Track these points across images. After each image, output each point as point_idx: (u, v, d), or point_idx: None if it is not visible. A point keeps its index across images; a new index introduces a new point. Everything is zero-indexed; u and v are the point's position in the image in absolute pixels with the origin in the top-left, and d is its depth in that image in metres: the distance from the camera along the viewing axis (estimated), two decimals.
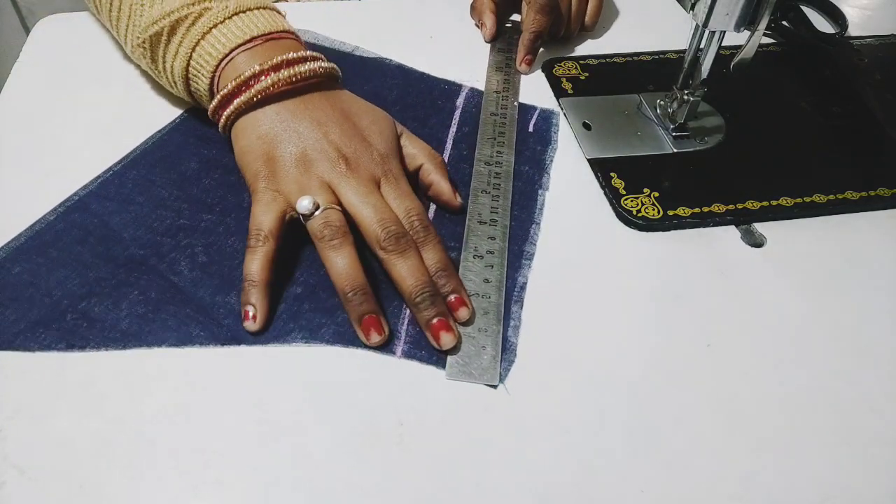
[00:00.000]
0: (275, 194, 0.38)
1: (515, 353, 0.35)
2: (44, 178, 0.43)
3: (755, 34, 0.42)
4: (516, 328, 0.36)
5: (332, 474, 0.31)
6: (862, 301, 0.39)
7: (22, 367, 0.33)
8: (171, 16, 0.41)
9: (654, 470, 0.31)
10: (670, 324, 0.37)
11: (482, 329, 0.36)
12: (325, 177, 0.38)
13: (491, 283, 0.38)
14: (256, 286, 0.35)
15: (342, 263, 0.36)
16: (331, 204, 0.37)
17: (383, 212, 0.37)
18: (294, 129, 0.39)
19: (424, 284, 0.35)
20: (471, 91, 0.52)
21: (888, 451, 0.33)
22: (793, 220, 0.43)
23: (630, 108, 0.51)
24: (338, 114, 0.40)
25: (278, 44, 0.42)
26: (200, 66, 0.41)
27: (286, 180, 0.38)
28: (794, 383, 0.35)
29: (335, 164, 0.38)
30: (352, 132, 0.40)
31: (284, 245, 0.38)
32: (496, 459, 0.31)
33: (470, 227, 0.41)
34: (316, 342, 0.35)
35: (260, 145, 0.39)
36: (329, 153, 0.38)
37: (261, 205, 0.37)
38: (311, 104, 0.40)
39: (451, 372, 0.34)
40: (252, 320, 0.35)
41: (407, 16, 0.59)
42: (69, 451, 0.31)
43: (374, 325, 0.35)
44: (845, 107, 0.52)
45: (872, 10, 0.65)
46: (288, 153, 0.38)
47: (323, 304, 0.37)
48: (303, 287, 0.37)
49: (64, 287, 0.36)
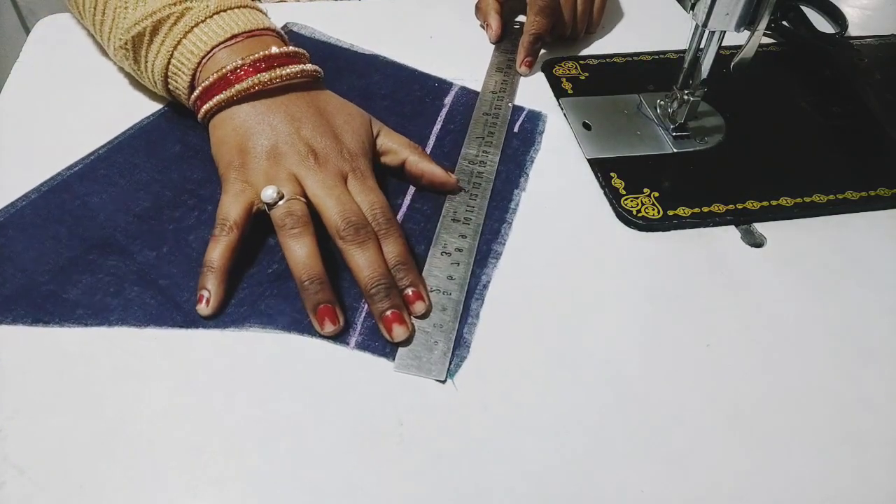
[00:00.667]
0: (244, 185, 0.38)
1: (468, 350, 0.35)
2: (44, 177, 0.42)
3: (755, 34, 0.42)
4: (473, 325, 0.36)
5: (332, 474, 0.31)
6: (862, 301, 0.39)
7: (22, 367, 0.33)
8: (153, 16, 0.42)
9: (654, 470, 0.31)
10: (670, 324, 0.37)
11: (437, 325, 0.36)
12: (294, 169, 0.39)
13: (454, 281, 0.38)
14: (214, 272, 0.36)
15: (301, 252, 0.36)
16: (295, 195, 0.38)
17: (346, 203, 0.38)
18: (268, 122, 0.40)
19: (381, 276, 0.36)
20: (461, 90, 0.52)
21: (888, 451, 0.33)
22: (793, 220, 0.43)
23: (630, 108, 0.51)
24: (313, 110, 0.41)
25: (260, 40, 0.42)
26: (181, 63, 0.42)
27: (256, 172, 0.39)
28: (793, 383, 0.35)
29: (304, 158, 0.39)
30: (324, 129, 0.40)
31: (250, 234, 0.38)
32: (496, 459, 0.31)
33: (443, 224, 0.41)
34: (272, 328, 0.36)
35: (234, 137, 0.40)
36: (299, 148, 0.39)
37: (229, 195, 0.38)
38: (287, 100, 0.41)
39: (401, 364, 0.35)
40: (205, 304, 0.36)
41: (407, 16, 0.59)
42: (69, 451, 0.31)
43: (328, 315, 0.35)
44: (845, 107, 0.52)
45: (872, 10, 0.65)
46: (260, 146, 0.39)
47: (283, 292, 0.37)
48: (265, 274, 0.38)
49: (38, 264, 0.37)
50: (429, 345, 0.35)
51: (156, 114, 0.47)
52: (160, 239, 0.39)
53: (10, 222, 0.39)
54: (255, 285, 0.37)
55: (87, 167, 0.43)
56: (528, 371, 0.35)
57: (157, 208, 0.41)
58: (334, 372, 0.34)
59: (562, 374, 0.35)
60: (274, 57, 0.41)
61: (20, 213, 0.40)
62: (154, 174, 0.43)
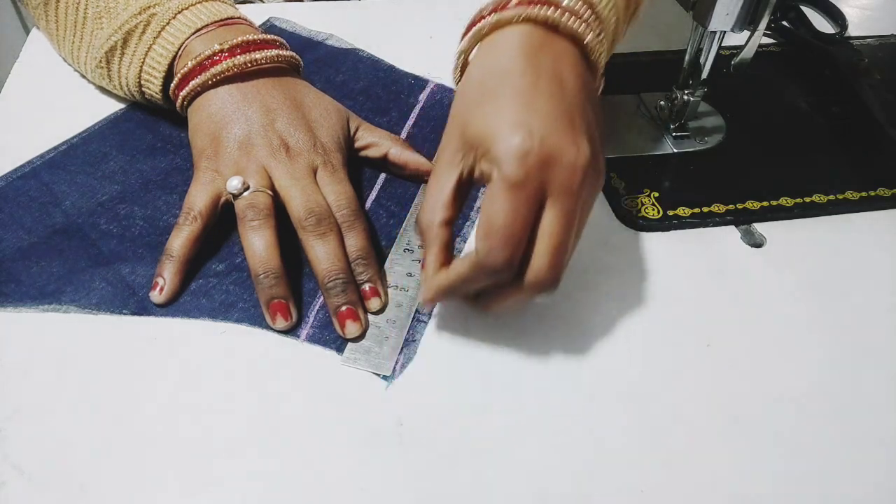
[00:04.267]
0: (214, 175, 0.38)
1: (415, 351, 0.35)
2: None
3: (755, 34, 0.42)
4: (424, 324, 0.36)
5: (333, 474, 0.31)
6: (862, 301, 0.39)
7: (22, 367, 0.33)
8: (121, 29, 0.42)
9: (654, 470, 0.31)
10: (670, 324, 0.37)
11: (391, 320, 0.36)
12: (264, 161, 0.38)
13: (413, 278, 0.38)
14: (173, 261, 0.36)
15: (259, 245, 0.36)
16: (261, 187, 0.37)
17: (311, 194, 0.37)
18: (243, 112, 0.40)
19: (339, 270, 0.36)
20: (437, 87, 0.52)
21: (888, 451, 0.33)
22: (793, 220, 0.43)
23: (630, 108, 0.51)
24: (289, 102, 0.41)
25: (233, 28, 0.42)
26: (153, 68, 0.42)
27: (226, 161, 0.39)
28: (793, 383, 0.35)
29: (276, 150, 0.39)
30: (299, 122, 0.40)
31: (218, 224, 0.38)
32: (496, 459, 0.31)
33: (409, 221, 0.41)
34: (222, 319, 0.36)
35: (209, 124, 0.40)
36: (272, 140, 0.39)
37: (198, 184, 0.38)
38: (264, 90, 0.41)
39: (348, 357, 0.35)
40: (159, 292, 0.36)
41: (407, 16, 0.59)
42: (69, 451, 0.31)
43: (280, 310, 0.35)
44: (845, 107, 0.52)
45: (872, 10, 0.65)
46: (233, 135, 0.39)
47: (239, 284, 0.37)
48: (225, 265, 0.38)
49: (0, 247, 0.38)
50: (379, 339, 0.35)
51: (131, 103, 0.47)
52: (123, 227, 0.40)
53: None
54: (209, 275, 0.38)
55: (58, 155, 0.44)
56: (528, 371, 0.35)
57: (123, 197, 0.41)
58: (334, 372, 0.34)
59: (562, 374, 0.35)
60: (251, 42, 0.41)
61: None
62: (123, 164, 0.43)
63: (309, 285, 0.38)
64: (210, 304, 0.36)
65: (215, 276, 0.38)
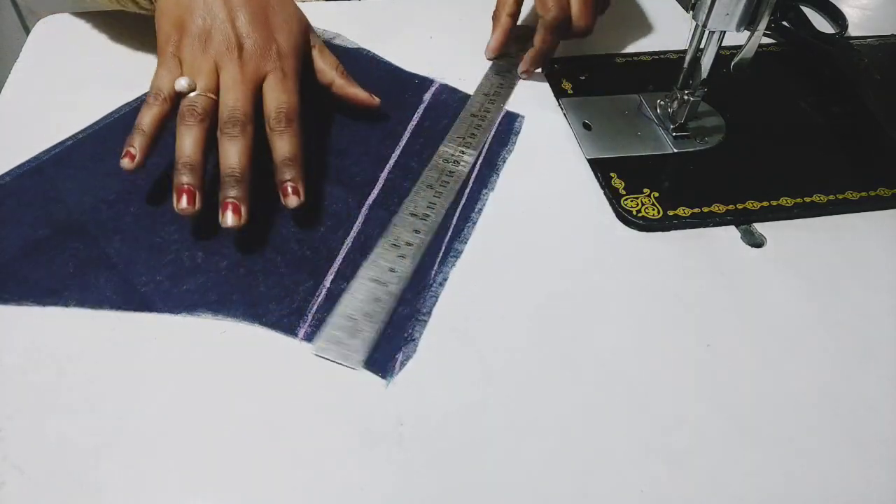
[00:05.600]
0: (177, 61, 0.41)
1: (415, 350, 0.35)
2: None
3: (755, 34, 0.42)
4: (424, 323, 0.36)
5: (332, 474, 0.31)
6: (862, 301, 0.39)
7: (22, 367, 0.33)
8: None
9: (654, 470, 0.31)
10: (670, 324, 0.37)
11: (368, 314, 0.36)
12: (217, 58, 0.41)
13: (395, 274, 0.38)
14: (143, 134, 0.39)
15: (188, 142, 0.38)
16: (206, 91, 0.40)
17: (238, 100, 0.39)
18: (208, 3, 0.42)
19: (235, 167, 0.38)
20: (441, 87, 0.52)
21: (888, 451, 0.33)
22: (793, 220, 0.43)
23: (630, 108, 0.51)
24: (254, 1, 0.42)
25: None
26: None
27: (188, 51, 0.41)
28: (794, 383, 0.35)
29: (230, 50, 0.41)
30: (260, 23, 0.42)
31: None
32: (496, 459, 0.32)
33: (399, 217, 0.41)
34: (223, 316, 0.36)
35: (175, 9, 0.42)
36: (229, 38, 0.41)
37: (164, 68, 0.41)
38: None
39: (318, 346, 0.35)
40: (129, 160, 0.38)
41: (407, 16, 0.59)
42: (69, 451, 0.31)
43: (187, 193, 0.37)
44: (845, 107, 0.52)
45: (872, 10, 0.65)
46: (196, 25, 0.41)
47: (241, 279, 0.38)
48: (227, 260, 0.39)
49: (4, 245, 0.38)
50: (352, 332, 0.35)
51: (139, 99, 0.47)
52: (126, 225, 0.40)
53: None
54: (211, 271, 0.38)
55: (63, 151, 0.44)
56: (527, 371, 0.35)
57: (127, 194, 0.41)
58: (334, 371, 0.34)
59: (562, 374, 0.35)
60: None
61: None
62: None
63: (308, 283, 0.38)
64: (206, 300, 0.37)
65: (215, 273, 0.38)
